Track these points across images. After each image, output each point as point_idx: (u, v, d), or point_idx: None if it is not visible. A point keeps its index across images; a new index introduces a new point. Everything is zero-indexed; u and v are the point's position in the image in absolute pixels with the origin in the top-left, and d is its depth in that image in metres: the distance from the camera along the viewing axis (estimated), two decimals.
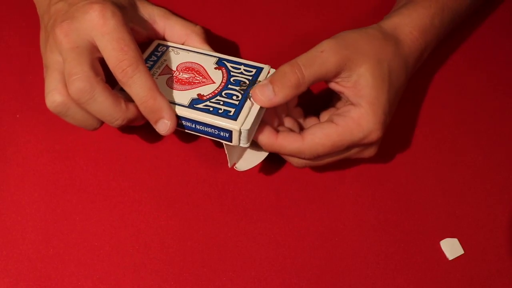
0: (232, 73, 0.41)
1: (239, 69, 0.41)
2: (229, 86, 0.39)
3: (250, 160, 0.41)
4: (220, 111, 0.37)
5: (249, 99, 0.38)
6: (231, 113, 0.37)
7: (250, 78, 0.40)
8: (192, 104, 0.37)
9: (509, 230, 0.44)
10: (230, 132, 0.37)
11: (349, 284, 0.42)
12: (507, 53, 0.53)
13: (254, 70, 0.41)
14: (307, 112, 0.44)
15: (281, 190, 0.45)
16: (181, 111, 0.37)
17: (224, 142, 0.38)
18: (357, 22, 0.54)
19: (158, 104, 0.36)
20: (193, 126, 0.38)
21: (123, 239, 0.43)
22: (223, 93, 0.39)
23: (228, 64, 0.42)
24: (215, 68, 0.41)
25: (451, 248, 0.43)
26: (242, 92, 0.39)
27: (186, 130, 0.39)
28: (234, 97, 0.38)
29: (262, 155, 0.42)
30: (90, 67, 0.35)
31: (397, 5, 0.47)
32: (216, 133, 0.38)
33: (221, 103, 0.38)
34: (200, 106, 0.37)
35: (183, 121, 0.38)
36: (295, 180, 0.46)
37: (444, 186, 0.46)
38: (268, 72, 0.41)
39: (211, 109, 0.37)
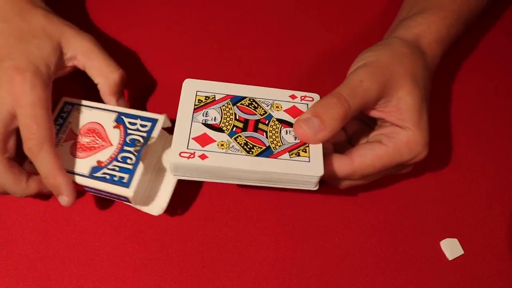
0: (128, 131, 0.41)
1: (135, 124, 0.42)
2: (125, 147, 0.40)
3: (161, 199, 0.41)
4: (115, 179, 0.39)
5: (142, 161, 0.39)
6: (125, 180, 0.38)
7: (145, 135, 0.41)
8: (92, 173, 0.39)
9: (509, 230, 0.44)
10: (127, 197, 0.39)
11: (349, 284, 0.42)
12: (507, 54, 0.53)
13: (149, 124, 0.41)
14: None
15: (281, 190, 0.45)
16: (81, 181, 0.39)
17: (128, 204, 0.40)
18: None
19: (58, 182, 0.37)
20: (97, 191, 0.40)
21: (123, 239, 0.43)
22: (119, 157, 0.40)
23: (126, 120, 0.42)
24: (114, 127, 0.42)
25: (451, 248, 0.43)
26: (136, 153, 0.40)
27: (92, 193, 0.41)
28: (129, 161, 0.39)
29: (168, 191, 0.42)
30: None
31: (408, 9, 0.46)
32: (117, 197, 0.40)
33: (117, 169, 0.39)
34: (99, 174, 0.39)
35: (86, 188, 0.40)
36: None
37: (444, 186, 0.46)
38: (163, 123, 0.41)
39: (108, 177, 0.39)
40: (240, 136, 0.36)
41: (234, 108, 0.38)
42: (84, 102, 0.44)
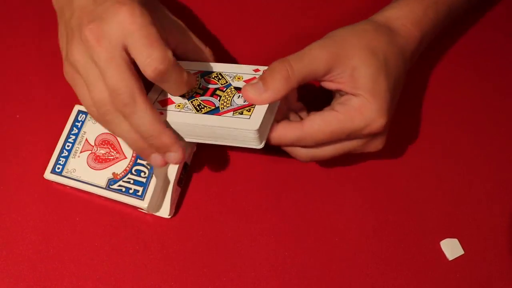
0: None
1: None
2: (138, 161, 0.43)
3: (167, 199, 0.43)
4: (130, 191, 0.42)
5: (154, 176, 0.42)
6: (139, 193, 0.42)
7: None
8: (109, 185, 0.42)
9: (509, 230, 0.44)
10: (141, 208, 0.42)
11: (349, 284, 0.42)
12: (507, 53, 0.53)
13: None
14: (310, 109, 0.44)
15: (281, 190, 0.45)
16: (99, 192, 0.42)
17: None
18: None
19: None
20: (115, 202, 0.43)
21: (123, 239, 0.43)
22: (133, 170, 0.43)
23: None
24: None
25: (451, 248, 0.43)
26: (148, 166, 0.43)
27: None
28: (142, 174, 0.43)
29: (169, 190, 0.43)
30: (131, 77, 0.35)
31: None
32: (133, 207, 0.43)
33: (131, 182, 0.42)
34: (115, 186, 0.42)
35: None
36: (295, 180, 0.46)
37: (444, 186, 0.46)
38: None
39: (124, 189, 0.42)
40: (197, 100, 0.40)
41: (201, 80, 0.41)
42: None
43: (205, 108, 0.39)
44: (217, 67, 0.42)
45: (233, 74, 0.41)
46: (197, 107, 0.39)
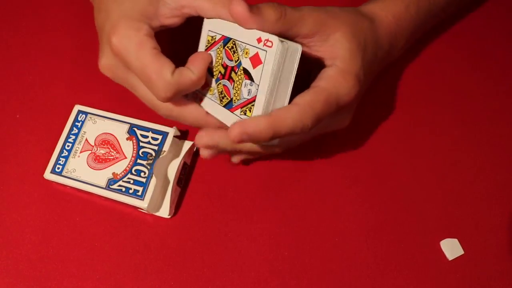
0: (141, 144, 0.44)
1: (147, 137, 0.44)
2: (138, 160, 0.43)
3: (167, 199, 0.44)
4: (130, 191, 0.42)
5: (154, 176, 0.42)
6: (139, 193, 0.42)
7: (156, 148, 0.44)
8: (109, 185, 0.43)
9: (509, 230, 0.44)
10: (141, 208, 0.43)
11: (349, 284, 0.42)
12: (507, 53, 0.53)
13: (160, 137, 0.44)
14: None
15: (281, 190, 0.45)
16: (99, 192, 0.43)
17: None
18: None
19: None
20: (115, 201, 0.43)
21: (123, 239, 0.43)
22: (133, 170, 0.43)
23: (138, 132, 0.45)
24: (127, 139, 0.44)
25: (451, 248, 0.43)
26: (148, 166, 0.43)
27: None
28: (142, 174, 0.43)
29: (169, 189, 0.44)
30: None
31: None
32: (133, 207, 0.43)
33: (131, 182, 0.43)
34: (115, 186, 0.43)
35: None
36: (295, 180, 0.46)
37: (444, 186, 0.46)
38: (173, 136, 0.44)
39: (123, 189, 0.42)
40: (220, 84, 0.39)
41: (223, 52, 0.39)
42: (96, 111, 0.46)
43: (224, 98, 0.39)
44: (232, 30, 0.38)
45: (243, 45, 0.38)
46: (220, 95, 0.39)
